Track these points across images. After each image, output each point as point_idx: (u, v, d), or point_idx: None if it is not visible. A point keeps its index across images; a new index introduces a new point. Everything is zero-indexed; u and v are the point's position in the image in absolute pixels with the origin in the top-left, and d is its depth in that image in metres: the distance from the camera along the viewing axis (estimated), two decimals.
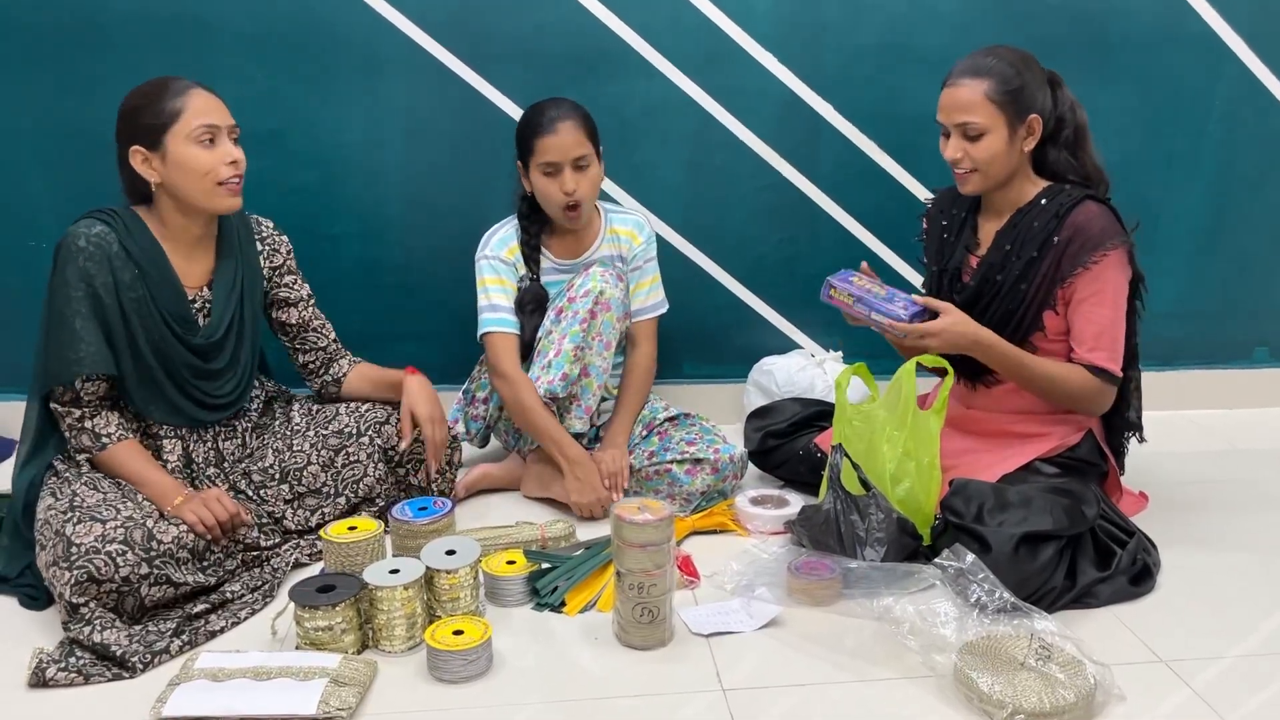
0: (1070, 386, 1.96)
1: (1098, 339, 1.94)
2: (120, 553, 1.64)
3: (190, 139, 1.83)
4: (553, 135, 2.12)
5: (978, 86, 1.92)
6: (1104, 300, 1.93)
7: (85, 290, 1.81)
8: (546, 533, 2.00)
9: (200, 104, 1.84)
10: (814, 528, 1.92)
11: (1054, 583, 1.76)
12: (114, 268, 1.83)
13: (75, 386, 1.82)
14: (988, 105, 1.92)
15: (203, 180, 1.84)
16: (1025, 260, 1.97)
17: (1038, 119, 1.95)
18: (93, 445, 1.85)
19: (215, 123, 1.85)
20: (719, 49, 2.56)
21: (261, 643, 1.69)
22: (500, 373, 2.20)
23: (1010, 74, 1.92)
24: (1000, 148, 1.94)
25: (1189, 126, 2.72)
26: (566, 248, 2.30)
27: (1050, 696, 1.46)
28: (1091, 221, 1.92)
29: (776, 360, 2.70)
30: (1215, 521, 2.16)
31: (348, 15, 2.45)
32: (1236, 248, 2.83)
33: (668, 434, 2.26)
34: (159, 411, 1.92)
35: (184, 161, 1.83)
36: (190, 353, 1.92)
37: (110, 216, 1.87)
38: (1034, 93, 1.94)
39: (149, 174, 1.85)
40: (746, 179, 2.67)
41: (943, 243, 2.16)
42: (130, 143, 1.84)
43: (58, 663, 1.58)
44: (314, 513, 2.01)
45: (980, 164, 1.96)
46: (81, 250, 1.81)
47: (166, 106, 1.82)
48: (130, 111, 1.84)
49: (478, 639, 1.59)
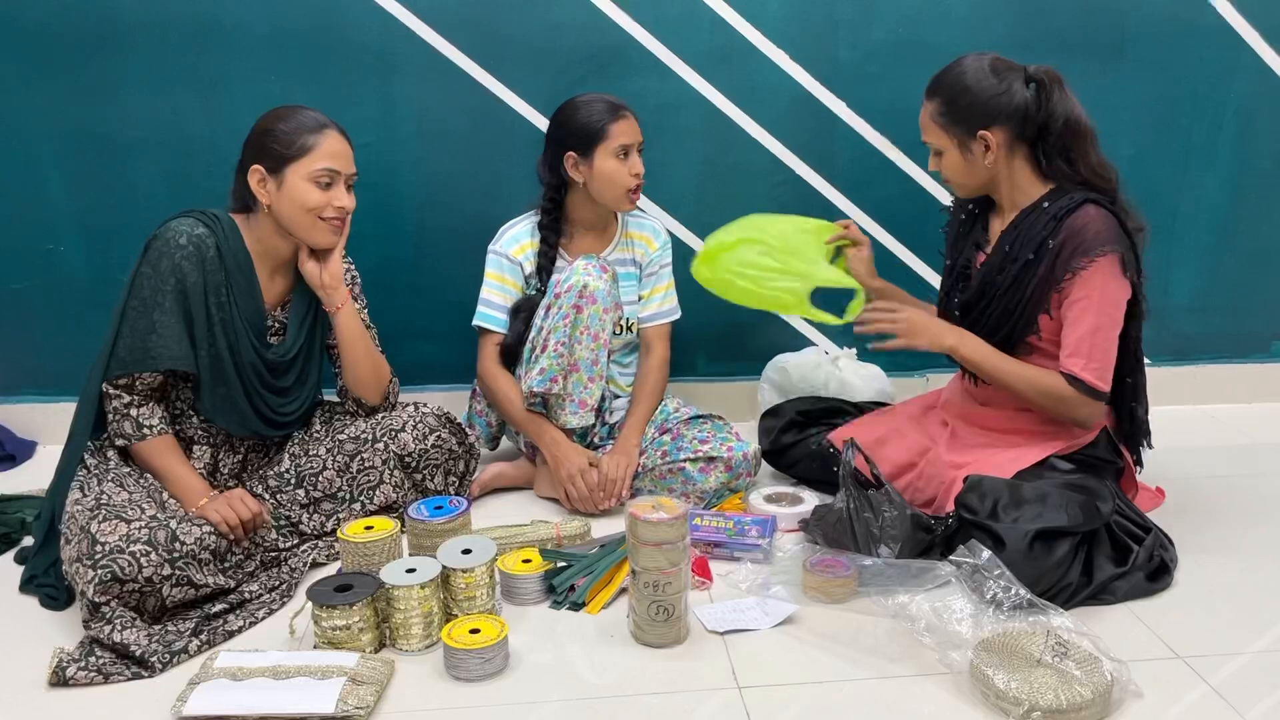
0: (1045, 390, 1.93)
1: (1078, 345, 1.89)
2: (144, 553, 1.66)
3: (309, 177, 1.88)
4: (625, 120, 2.20)
5: (927, 107, 1.97)
6: (1089, 308, 1.88)
7: (175, 286, 1.85)
8: (562, 531, 2.01)
9: (330, 147, 1.90)
10: (828, 526, 1.92)
11: (1070, 579, 1.75)
12: (206, 270, 1.88)
13: (136, 375, 1.86)
14: (934, 126, 1.97)
15: (307, 215, 1.90)
16: (1022, 263, 1.95)
17: (992, 134, 1.91)
18: (134, 433, 1.87)
19: (338, 169, 1.91)
20: (731, 46, 2.56)
21: (280, 642, 1.70)
22: (479, 366, 2.31)
23: (955, 92, 1.92)
24: (958, 164, 1.97)
25: (1205, 120, 2.70)
26: (584, 247, 2.31)
27: (1067, 693, 1.46)
28: (1087, 226, 1.88)
29: (790, 358, 2.69)
30: (1232, 517, 2.15)
31: (361, 17, 2.46)
32: (1253, 241, 2.81)
33: (680, 432, 2.27)
34: (227, 419, 1.96)
35: (296, 196, 1.89)
36: (263, 365, 1.96)
37: (211, 219, 1.92)
38: (986, 108, 1.90)
39: (261, 195, 1.90)
40: (760, 176, 2.66)
41: (958, 237, 2.15)
42: (254, 160, 1.90)
43: (78, 662, 1.59)
44: (329, 518, 2.02)
45: (950, 177, 2.01)
46: (181, 248, 1.86)
47: (299, 140, 1.88)
48: (264, 132, 1.90)
49: (494, 637, 1.60)
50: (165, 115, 2.47)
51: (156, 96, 2.44)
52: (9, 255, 2.55)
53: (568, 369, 2.17)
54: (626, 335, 2.36)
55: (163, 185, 2.51)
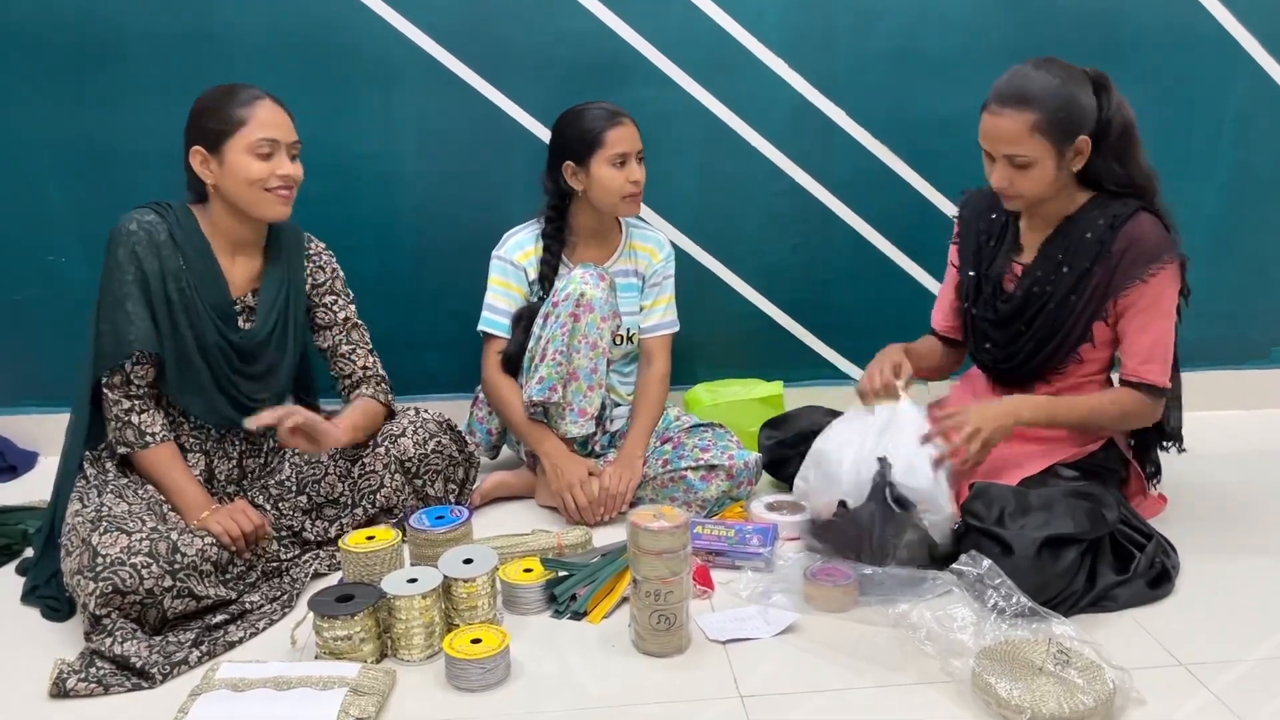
0: (1119, 410, 1.97)
1: (1151, 352, 1.93)
2: (145, 565, 1.66)
3: (249, 150, 1.87)
4: (622, 128, 2.21)
5: (1023, 118, 1.84)
6: (1158, 314, 1.92)
7: (136, 273, 1.85)
8: (563, 540, 2.01)
9: (265, 116, 1.88)
10: (836, 534, 1.90)
11: (1075, 586, 1.75)
12: (161, 255, 1.87)
13: (126, 369, 1.86)
14: (1034, 137, 1.84)
15: (251, 188, 1.88)
16: (1078, 272, 1.94)
17: (1086, 139, 1.88)
18: (136, 441, 1.87)
19: (276, 137, 1.89)
20: (730, 56, 2.57)
21: (281, 652, 1.70)
22: (484, 371, 2.33)
23: (1056, 102, 1.83)
24: (1049, 176, 1.89)
25: (1203, 128, 2.71)
26: (587, 256, 2.31)
27: (1069, 701, 1.46)
28: (1147, 235, 1.90)
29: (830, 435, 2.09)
30: (1233, 523, 2.15)
31: (361, 27, 2.47)
32: (1252, 248, 2.82)
33: (681, 441, 2.27)
34: (195, 406, 1.94)
35: (238, 170, 1.87)
36: (231, 349, 1.95)
37: (163, 208, 1.92)
38: (1081, 112, 1.86)
39: (205, 175, 1.89)
40: (759, 185, 2.67)
41: (981, 246, 2.12)
42: (193, 143, 1.89)
43: (78, 673, 1.59)
44: (333, 523, 2.02)
45: (1026, 191, 1.91)
46: (132, 234, 1.86)
47: (233, 114, 1.86)
48: (199, 113, 1.89)
49: (496, 647, 1.60)
50: (166, 126, 2.44)
51: (157, 107, 2.44)
52: (10, 266, 2.56)
53: (567, 377, 2.17)
54: (627, 346, 2.37)
55: (163, 196, 2.48)
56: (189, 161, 1.90)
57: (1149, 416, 2.00)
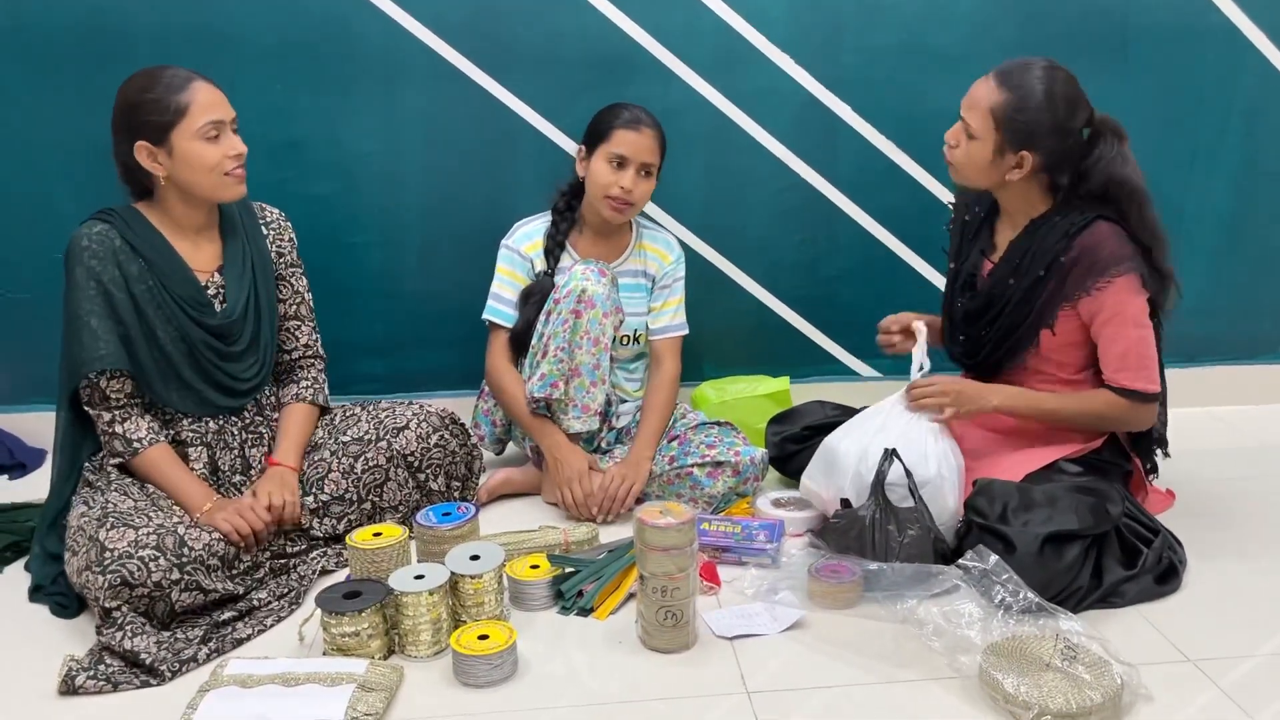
0: (1094, 413, 1.97)
1: (1123, 360, 1.92)
2: (152, 558, 1.67)
3: (196, 135, 1.84)
4: (634, 132, 2.17)
5: (991, 93, 1.90)
6: (1125, 323, 1.91)
7: (97, 289, 1.84)
8: (570, 537, 2.01)
9: (204, 98, 1.85)
10: (841, 533, 1.90)
11: (1080, 582, 1.75)
12: (119, 262, 1.86)
13: (100, 385, 1.85)
14: (988, 116, 1.90)
15: (210, 174, 1.87)
16: (1032, 278, 1.96)
17: (1029, 157, 1.90)
18: (125, 450, 1.87)
19: (220, 118, 1.87)
20: (735, 51, 2.56)
21: (289, 649, 1.71)
22: (488, 361, 2.32)
23: (1025, 104, 1.87)
24: (981, 159, 1.93)
25: (1211, 121, 2.69)
26: (594, 251, 2.31)
27: (1077, 697, 1.45)
28: (1101, 245, 1.89)
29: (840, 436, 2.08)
30: (1241, 518, 2.14)
31: (366, 25, 2.46)
32: (1260, 242, 2.80)
33: (688, 438, 2.27)
34: (183, 401, 1.94)
35: (191, 159, 1.85)
36: (210, 335, 1.94)
37: (109, 214, 1.90)
38: (1041, 133, 1.88)
39: (155, 169, 1.87)
40: (765, 181, 2.66)
41: (963, 240, 2.15)
42: (134, 138, 1.85)
43: (87, 670, 1.60)
44: (340, 520, 2.03)
45: (957, 159, 1.98)
46: (86, 249, 1.84)
47: (171, 103, 1.83)
48: (132, 107, 1.85)
49: (503, 643, 1.60)
50: None
51: None
52: (17, 265, 2.56)
53: (569, 374, 2.17)
54: (634, 346, 2.36)
55: None
56: (130, 159, 1.87)
57: (1134, 421, 1.98)
